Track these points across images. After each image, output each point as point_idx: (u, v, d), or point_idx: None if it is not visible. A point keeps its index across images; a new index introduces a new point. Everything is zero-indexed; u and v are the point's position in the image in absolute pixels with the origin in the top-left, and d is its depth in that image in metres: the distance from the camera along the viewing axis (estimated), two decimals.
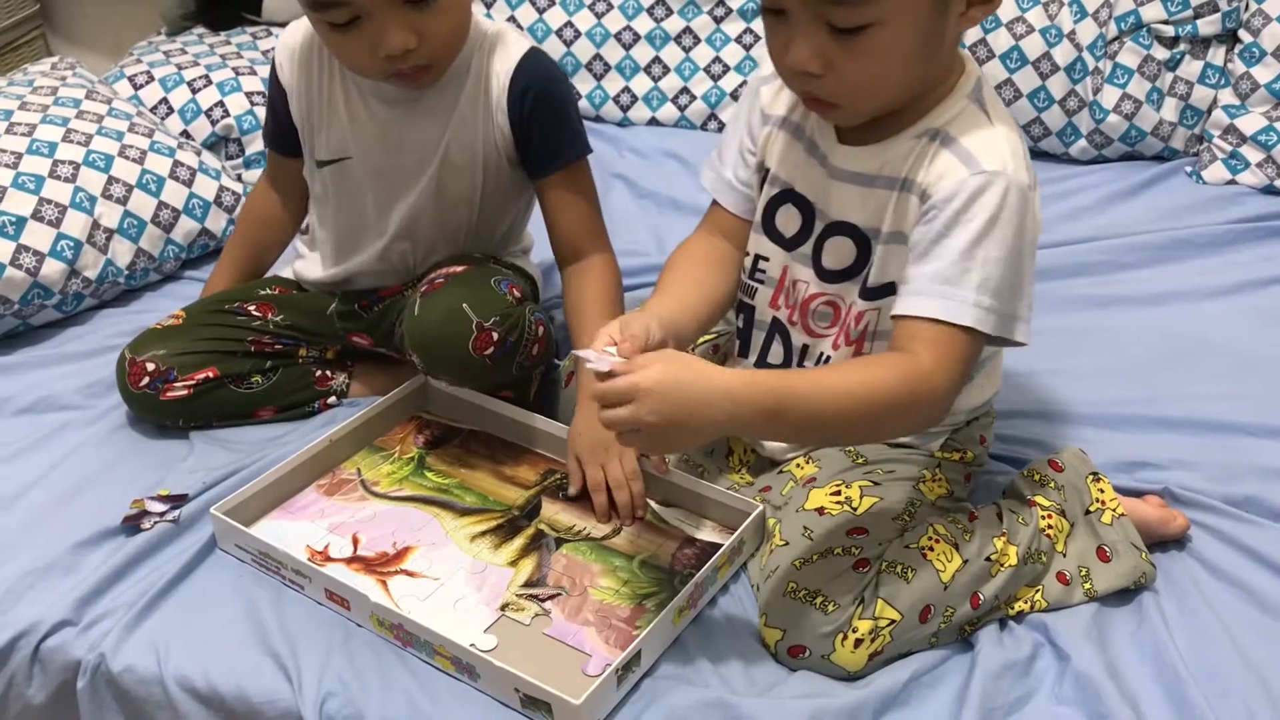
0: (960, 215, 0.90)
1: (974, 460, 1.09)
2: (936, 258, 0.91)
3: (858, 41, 0.87)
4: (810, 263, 1.03)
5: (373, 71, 1.13)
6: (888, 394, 0.88)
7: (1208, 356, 1.33)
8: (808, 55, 0.88)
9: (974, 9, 0.89)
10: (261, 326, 1.27)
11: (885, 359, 0.93)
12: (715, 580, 1.03)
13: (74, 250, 1.43)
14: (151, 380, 1.21)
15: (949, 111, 0.94)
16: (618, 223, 1.62)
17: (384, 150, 1.20)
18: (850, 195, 0.99)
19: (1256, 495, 1.12)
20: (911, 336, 0.91)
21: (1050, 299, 1.45)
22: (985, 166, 0.90)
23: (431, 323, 1.13)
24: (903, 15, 0.86)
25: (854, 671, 0.95)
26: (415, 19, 1.08)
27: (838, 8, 0.86)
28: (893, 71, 0.90)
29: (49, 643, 1.02)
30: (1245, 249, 1.52)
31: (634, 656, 0.94)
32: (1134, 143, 1.73)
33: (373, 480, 1.18)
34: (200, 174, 1.58)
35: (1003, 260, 0.90)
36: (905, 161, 0.95)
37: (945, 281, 0.91)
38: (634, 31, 1.89)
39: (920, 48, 0.89)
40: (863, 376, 0.90)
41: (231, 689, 0.97)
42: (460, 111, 1.18)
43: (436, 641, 0.96)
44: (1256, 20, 1.69)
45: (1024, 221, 0.91)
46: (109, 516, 1.12)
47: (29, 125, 1.51)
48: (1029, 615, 1.01)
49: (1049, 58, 1.70)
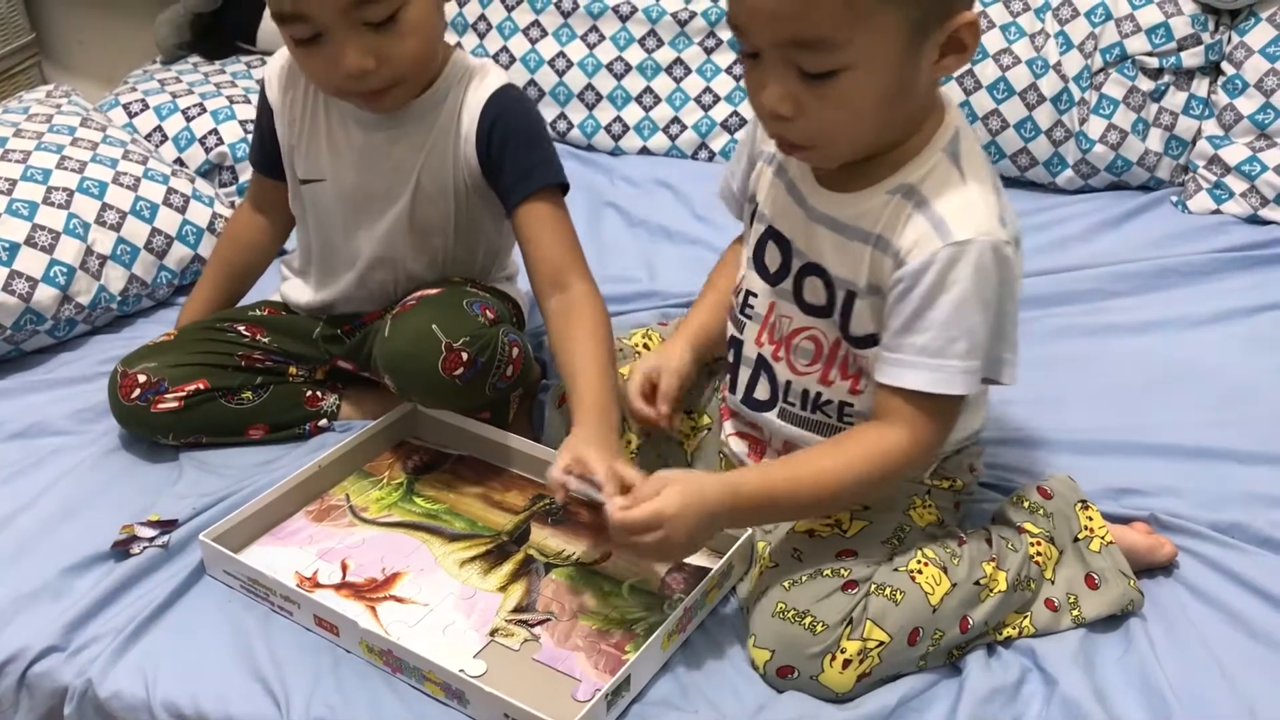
0: (937, 288, 0.91)
1: (964, 489, 1.10)
2: (920, 330, 0.93)
3: (827, 86, 0.88)
4: (792, 298, 1.04)
5: (334, 90, 1.14)
6: (864, 476, 0.96)
7: (1194, 384, 1.34)
8: (778, 98, 0.89)
9: (947, 58, 0.89)
10: (251, 344, 1.28)
11: (860, 441, 0.96)
12: (704, 604, 1.03)
13: (67, 276, 1.44)
14: (143, 392, 1.22)
15: (924, 166, 0.94)
16: (609, 250, 1.64)
17: (357, 175, 1.21)
18: (826, 240, 0.99)
19: (1243, 521, 1.13)
20: (897, 407, 0.95)
21: (1038, 327, 1.46)
22: (957, 236, 0.91)
23: (401, 344, 1.14)
24: (872, 62, 0.87)
25: (842, 693, 0.95)
26: (375, 41, 1.07)
27: (807, 53, 0.87)
28: (862, 117, 0.90)
29: (36, 668, 1.02)
30: (1230, 278, 1.53)
31: (624, 681, 0.94)
32: (1120, 173, 1.75)
33: (361, 506, 1.18)
34: (194, 201, 1.59)
35: (985, 321, 0.92)
36: (879, 217, 0.95)
37: (933, 354, 0.92)
38: (625, 62, 1.90)
39: (891, 95, 0.89)
40: (836, 464, 0.96)
41: (219, 715, 0.97)
42: (433, 141, 1.18)
43: (426, 667, 0.96)
44: (1239, 53, 1.71)
45: (1003, 276, 0.92)
46: (98, 541, 1.12)
47: (23, 152, 1.52)
48: (1016, 640, 1.01)
49: (1035, 89, 1.72)
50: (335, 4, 1.05)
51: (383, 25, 1.07)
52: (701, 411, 1.19)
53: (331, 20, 1.06)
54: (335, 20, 1.06)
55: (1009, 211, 0.96)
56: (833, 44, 0.85)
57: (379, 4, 1.06)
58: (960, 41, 0.88)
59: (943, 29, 0.87)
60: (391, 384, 1.17)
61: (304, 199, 1.26)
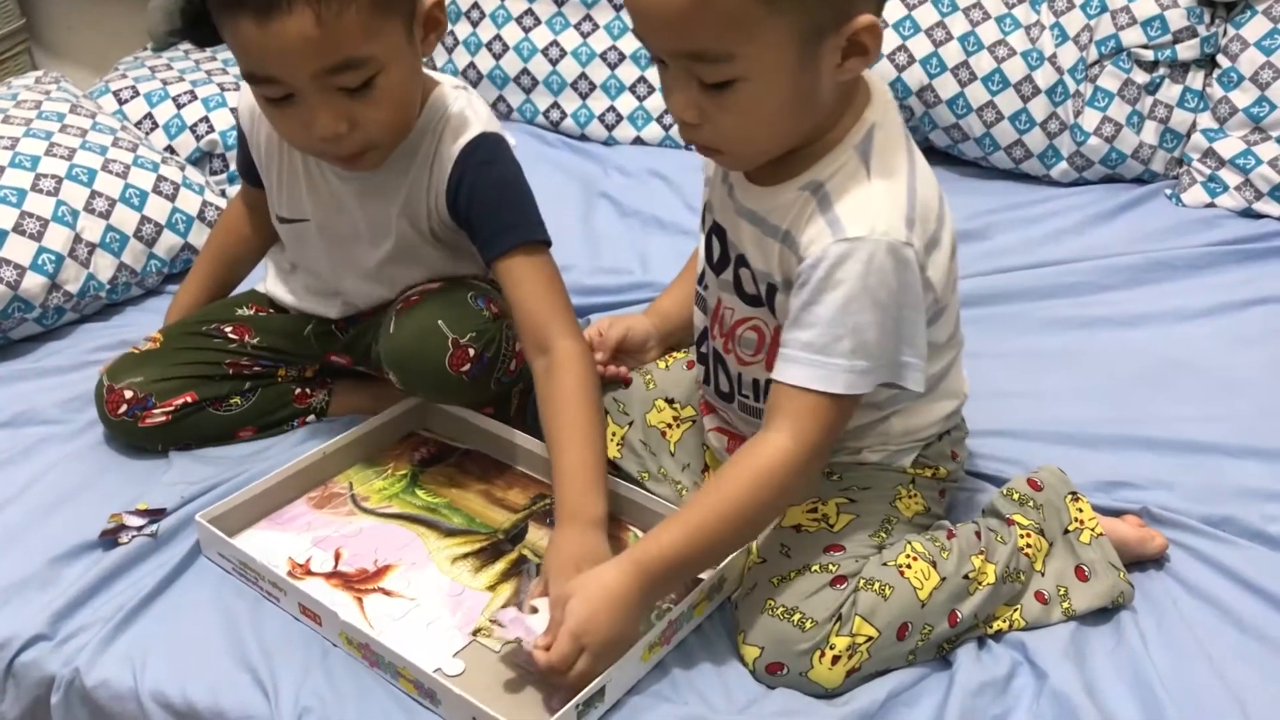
0: (824, 284, 0.91)
1: (948, 476, 1.10)
2: (807, 325, 0.92)
3: (726, 96, 0.88)
4: (733, 289, 1.03)
5: (308, 149, 1.11)
6: (762, 501, 0.95)
7: (1186, 377, 1.34)
8: (683, 106, 0.90)
9: (849, 61, 0.88)
10: (239, 349, 1.26)
11: (745, 467, 0.95)
12: (691, 617, 1.01)
13: (55, 264, 1.43)
14: (129, 408, 1.20)
15: (834, 164, 0.94)
16: (602, 241, 1.64)
17: (340, 220, 1.19)
18: (747, 233, 1.00)
19: (1234, 515, 1.13)
20: (783, 404, 0.94)
21: (1030, 320, 1.46)
22: (849, 233, 0.90)
23: (406, 340, 1.12)
24: (766, 72, 0.86)
25: (832, 689, 0.95)
26: (348, 106, 1.03)
27: (701, 64, 0.87)
28: (763, 124, 0.90)
29: (23, 657, 1.01)
30: (1224, 271, 1.53)
31: (597, 693, 0.92)
32: (1114, 165, 1.75)
33: (363, 495, 1.18)
34: (184, 189, 1.58)
35: (876, 322, 0.91)
36: (789, 213, 0.95)
37: (818, 350, 0.92)
38: (619, 51, 1.90)
39: (790, 102, 0.89)
40: (730, 502, 0.94)
41: (207, 704, 0.97)
42: (408, 193, 1.15)
43: (400, 663, 0.95)
44: (1234, 45, 1.71)
45: (899, 279, 0.91)
46: (86, 531, 1.12)
47: (11, 139, 1.51)
48: (1007, 634, 1.01)
49: (1030, 80, 1.72)
50: (307, 69, 1.00)
51: (357, 91, 1.03)
52: (685, 403, 1.19)
53: (304, 84, 1.01)
54: (307, 84, 1.01)
55: (930, 210, 0.94)
56: (723, 56, 0.85)
57: (352, 71, 1.01)
58: (861, 45, 0.87)
59: (839, 34, 0.86)
60: (397, 380, 1.16)
61: (288, 232, 1.24)
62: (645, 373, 1.22)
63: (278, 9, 0.97)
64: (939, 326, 1.01)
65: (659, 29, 0.88)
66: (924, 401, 1.04)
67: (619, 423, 1.17)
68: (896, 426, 1.05)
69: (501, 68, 1.94)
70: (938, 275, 0.96)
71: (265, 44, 0.99)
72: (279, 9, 0.97)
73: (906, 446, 1.06)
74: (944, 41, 1.74)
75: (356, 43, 1.00)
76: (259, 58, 1.01)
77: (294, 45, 0.98)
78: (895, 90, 1.76)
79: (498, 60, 1.94)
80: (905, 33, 1.75)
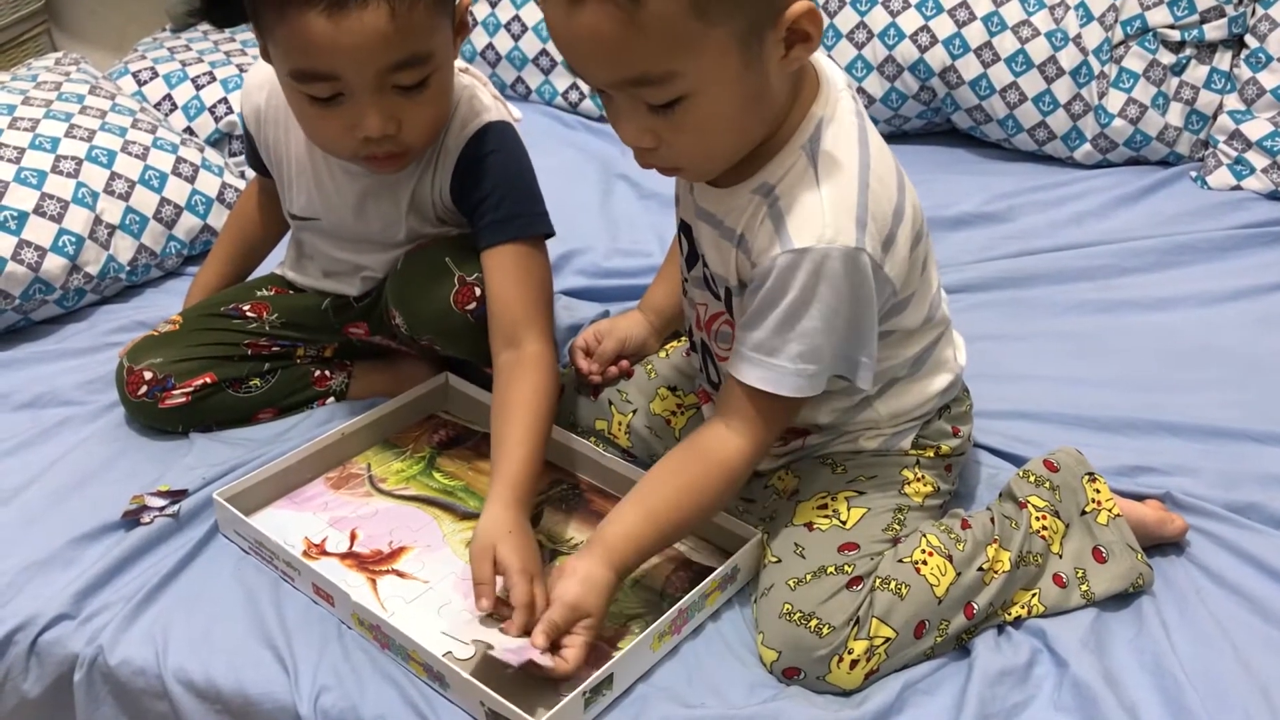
0: (774, 292, 0.91)
1: (952, 452, 1.09)
2: (759, 327, 0.93)
3: (677, 115, 0.86)
4: (704, 285, 1.03)
5: (344, 151, 1.09)
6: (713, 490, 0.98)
7: (1211, 362, 1.32)
8: (636, 134, 0.89)
9: (794, 49, 0.86)
10: (258, 329, 1.26)
11: (696, 458, 0.98)
12: (703, 607, 1.01)
13: (76, 246, 1.43)
14: (149, 389, 1.21)
15: (783, 165, 0.92)
16: (620, 223, 1.63)
17: (350, 220, 1.19)
18: (705, 234, 0.99)
19: (1259, 502, 1.12)
20: (735, 400, 0.96)
21: (1053, 303, 1.45)
22: (795, 244, 0.89)
23: (413, 275, 1.13)
24: (713, 82, 0.85)
25: (850, 690, 0.95)
26: (399, 105, 1.03)
27: (645, 88, 0.85)
28: (719, 134, 0.89)
29: (46, 636, 1.02)
30: (1250, 254, 1.52)
31: (605, 680, 0.92)
32: (1139, 147, 1.73)
33: (380, 477, 1.18)
34: (203, 170, 1.58)
35: (825, 328, 0.91)
36: (743, 216, 0.94)
37: (767, 353, 0.93)
38: None
39: (743, 105, 0.88)
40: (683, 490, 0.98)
41: (229, 681, 0.97)
42: (414, 190, 1.15)
43: (410, 646, 0.95)
44: (1263, 25, 1.68)
45: (850, 283, 0.90)
46: (108, 511, 1.12)
47: (32, 120, 1.51)
48: (1027, 621, 1.01)
49: (1054, 61, 1.70)
50: (374, 65, 0.99)
51: (410, 89, 1.03)
52: (687, 391, 1.19)
53: (364, 81, 1.00)
54: (368, 82, 1.00)
55: (884, 206, 0.92)
56: (666, 76, 0.84)
57: (413, 69, 1.01)
58: (802, 32, 0.85)
59: (778, 27, 0.84)
60: (402, 321, 1.16)
61: (301, 228, 1.25)
62: (647, 362, 1.23)
63: (354, 1, 0.96)
64: (909, 313, 1.00)
65: (595, 61, 0.85)
66: (908, 382, 1.04)
67: (623, 411, 1.18)
68: (882, 410, 1.04)
69: (520, 49, 1.93)
70: (896, 270, 0.95)
71: (336, 39, 0.97)
72: (355, 1, 0.96)
73: (902, 428, 1.05)
74: (967, 22, 1.72)
75: (423, 38, 1.01)
76: (327, 53, 0.99)
77: (367, 40, 0.98)
78: (918, 72, 1.74)
79: (516, 41, 1.93)
80: (928, 13, 1.74)
